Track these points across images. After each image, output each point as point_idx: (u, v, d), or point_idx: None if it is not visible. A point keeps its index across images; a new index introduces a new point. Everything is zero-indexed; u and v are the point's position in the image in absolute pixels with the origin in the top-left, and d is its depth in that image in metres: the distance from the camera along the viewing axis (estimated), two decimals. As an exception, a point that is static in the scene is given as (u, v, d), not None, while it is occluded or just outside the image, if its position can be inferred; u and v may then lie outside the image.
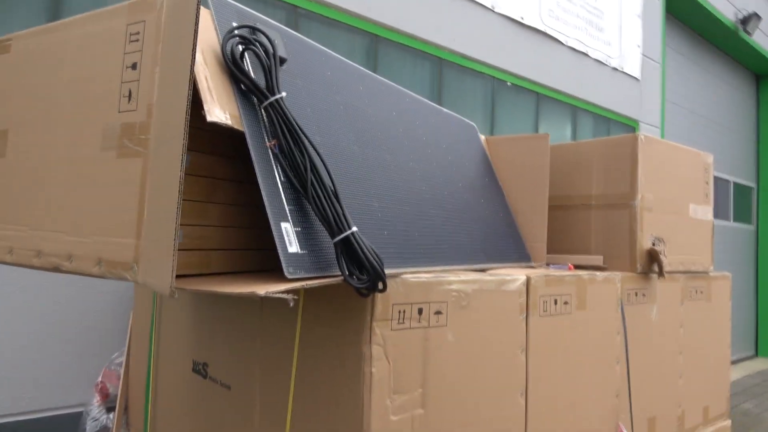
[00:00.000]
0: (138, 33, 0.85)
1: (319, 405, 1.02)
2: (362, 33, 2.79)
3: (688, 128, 5.88)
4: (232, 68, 0.89)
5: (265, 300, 1.14)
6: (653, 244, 1.77)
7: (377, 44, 2.85)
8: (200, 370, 1.30)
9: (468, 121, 1.83)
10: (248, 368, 1.18)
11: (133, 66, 0.85)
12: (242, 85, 0.90)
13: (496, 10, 3.39)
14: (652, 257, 1.75)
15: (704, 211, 2.05)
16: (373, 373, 0.95)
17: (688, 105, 6.00)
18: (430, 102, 1.61)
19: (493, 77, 3.45)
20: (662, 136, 4.96)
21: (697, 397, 1.94)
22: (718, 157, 5.92)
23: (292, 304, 0.73)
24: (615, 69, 4.35)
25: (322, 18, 2.62)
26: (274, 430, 1.11)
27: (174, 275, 0.64)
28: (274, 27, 1.04)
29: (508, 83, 3.54)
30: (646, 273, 1.75)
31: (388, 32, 2.87)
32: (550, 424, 1.28)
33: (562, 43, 3.87)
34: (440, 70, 3.16)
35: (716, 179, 6.40)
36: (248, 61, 0.93)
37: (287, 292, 0.74)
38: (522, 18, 3.55)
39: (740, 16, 6.21)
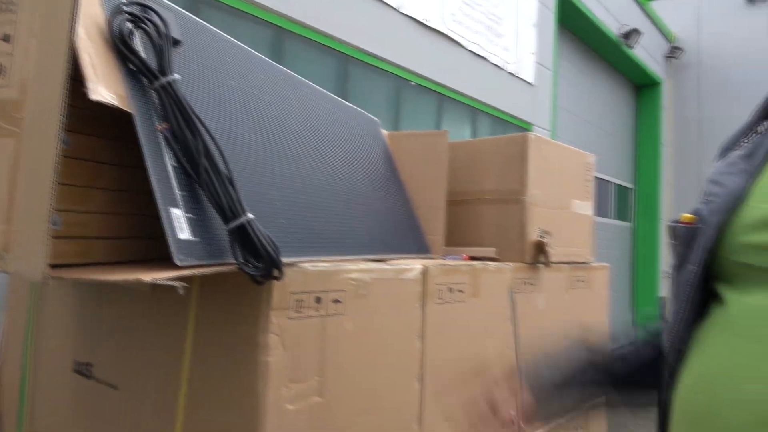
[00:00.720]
0: (12, 2, 0.78)
1: (213, 399, 1.00)
2: (267, 25, 2.74)
3: (575, 132, 6.32)
4: (120, 46, 0.84)
5: (156, 291, 1.10)
6: (541, 237, 1.89)
7: (282, 37, 2.82)
8: (83, 370, 1.22)
9: (371, 116, 1.86)
10: (137, 366, 1.13)
11: (6, 38, 0.78)
12: (131, 65, 0.86)
13: (401, 10, 3.46)
14: (540, 249, 1.87)
15: (585, 207, 2.21)
16: (269, 362, 0.94)
17: (577, 111, 6.45)
18: (332, 95, 1.62)
19: (398, 76, 3.52)
20: (552, 137, 5.30)
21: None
22: (601, 159, 6.39)
23: (182, 292, 0.71)
24: (511, 74, 4.59)
25: (224, 7, 2.54)
26: (165, 428, 1.07)
27: (47, 261, 0.60)
28: (168, 7, 1.00)
29: (412, 83, 3.63)
30: (534, 264, 1.87)
31: (294, 25, 2.84)
32: (444, 405, 1.33)
33: (463, 47, 4.02)
34: (346, 66, 3.18)
35: (599, 180, 6.95)
36: (138, 40, 0.89)
37: (177, 279, 0.72)
38: (426, 20, 3.65)
39: (623, 31, 6.77)
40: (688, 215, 0.58)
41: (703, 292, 0.54)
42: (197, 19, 1.11)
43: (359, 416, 1.11)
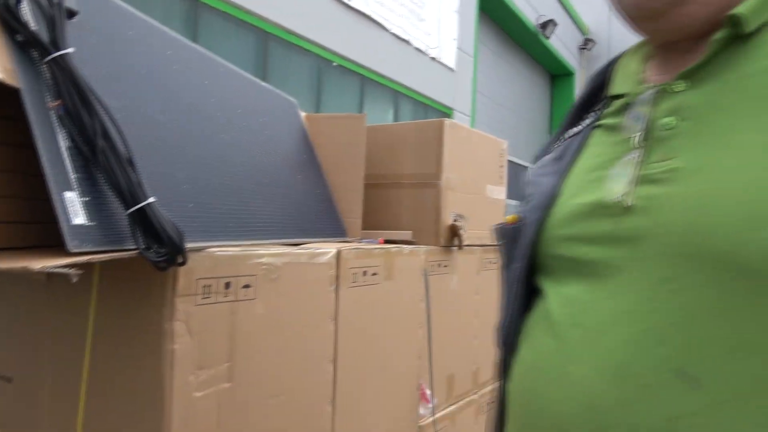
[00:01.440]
0: None
1: (117, 389, 0.97)
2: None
3: (494, 117, 6.52)
4: (5, 15, 0.78)
5: (52, 280, 1.04)
6: (455, 221, 1.95)
7: (197, 11, 2.70)
8: (-27, 361, 1.15)
9: (289, 97, 1.83)
10: (34, 357, 1.07)
11: None
12: (18, 36, 0.80)
13: (323, -12, 3.41)
14: (454, 232, 1.93)
15: (499, 191, 2.30)
16: (176, 350, 0.92)
17: (496, 96, 6.65)
18: (248, 75, 1.58)
19: (320, 56, 3.47)
20: (472, 123, 5.45)
21: (490, 354, 2.19)
22: (518, 144, 6.64)
23: (74, 280, 0.68)
24: (433, 59, 4.66)
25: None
26: (66, 422, 1.03)
27: None
28: (61, -25, 0.93)
29: (334, 63, 3.60)
30: (448, 246, 1.93)
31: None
32: (357, 386, 1.36)
33: (386, 29, 4.02)
34: (266, 44, 3.09)
35: (514, 164, 7.22)
36: (28, 10, 0.82)
37: (70, 266, 0.68)
38: (349, 0, 3.62)
39: (540, 21, 7.03)
40: (512, 216, 0.62)
41: (529, 287, 0.57)
42: (98, -10, 1.05)
43: (269, 398, 1.11)
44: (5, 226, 0.89)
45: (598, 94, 0.63)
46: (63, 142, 0.79)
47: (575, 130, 0.62)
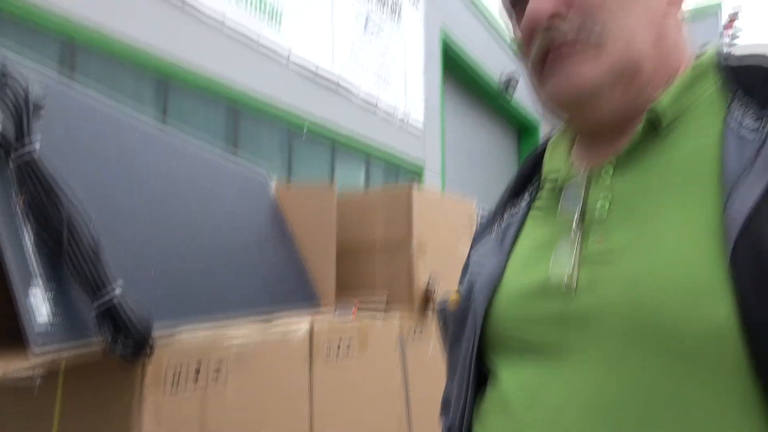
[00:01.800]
0: None
1: (81, 486, 0.93)
2: (151, 71, 2.66)
3: (463, 172, 6.66)
4: (-31, 116, 0.79)
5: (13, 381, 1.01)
6: (428, 284, 1.96)
7: (168, 84, 2.74)
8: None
9: (259, 169, 1.85)
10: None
11: None
12: (-17, 135, 0.81)
13: (292, 58, 3.51)
14: (428, 296, 1.94)
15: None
16: (144, 442, 0.89)
17: (464, 152, 6.82)
18: (218, 150, 1.60)
19: (290, 123, 3.54)
20: (442, 178, 5.55)
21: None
22: (487, 196, 6.76)
23: (38, 383, 0.66)
24: (402, 120, 4.78)
25: (103, 53, 2.44)
26: None
27: None
28: (32, 69, 0.96)
29: (305, 129, 3.67)
30: (423, 311, 1.93)
31: (180, 72, 2.78)
32: (335, 467, 1.32)
33: (355, 95, 4.14)
34: (236, 114, 3.15)
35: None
36: (-7, 107, 0.84)
37: (33, 368, 0.67)
38: (317, 68, 3.73)
39: (503, 80, 7.32)
40: (454, 296, 0.63)
41: (479, 371, 0.56)
42: (65, 79, 1.07)
43: (245, 487, 1.07)
44: None
45: (532, 174, 0.64)
46: (28, 237, 0.79)
47: (514, 210, 0.63)
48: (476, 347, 0.56)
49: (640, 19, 0.51)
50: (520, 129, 9.02)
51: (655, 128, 0.50)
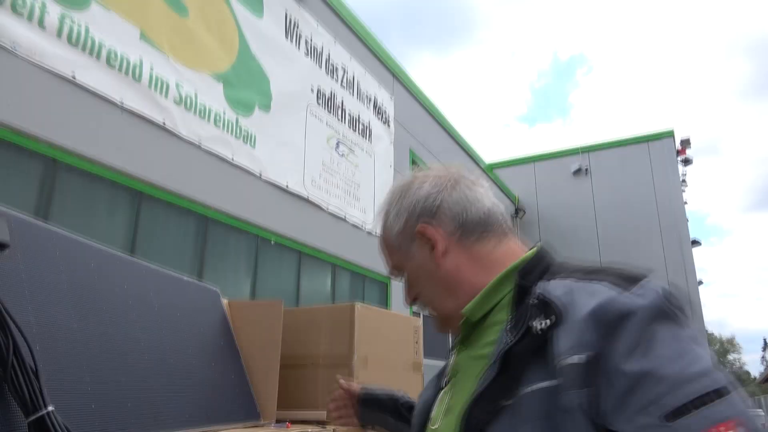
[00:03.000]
0: None
1: None
2: (126, 189, 2.89)
3: (434, 284, 6.84)
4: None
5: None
6: (368, 399, 2.05)
7: (141, 200, 2.96)
8: None
9: (211, 286, 2.01)
10: None
11: None
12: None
13: (263, 177, 3.79)
14: (367, 410, 2.03)
15: (416, 366, 2.45)
16: None
17: (435, 263, 7.05)
18: (173, 273, 1.77)
19: (257, 235, 3.75)
20: (411, 290, 5.72)
21: None
22: (458, 309, 6.89)
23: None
24: (369, 233, 5.03)
25: (82, 172, 2.67)
26: None
27: None
28: (0, 208, 1.14)
29: (272, 241, 3.87)
30: (364, 425, 2.01)
31: (153, 189, 3.02)
32: None
33: (323, 209, 4.40)
34: (206, 226, 3.36)
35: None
36: (-36, 248, 1.01)
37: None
38: (287, 185, 4.01)
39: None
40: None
41: None
42: (27, 217, 1.25)
43: None
44: None
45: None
46: (-24, 361, 0.93)
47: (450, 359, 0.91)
48: None
49: (434, 290, 0.81)
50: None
51: (473, 325, 0.76)
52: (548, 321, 0.62)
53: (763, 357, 58.09)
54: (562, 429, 0.56)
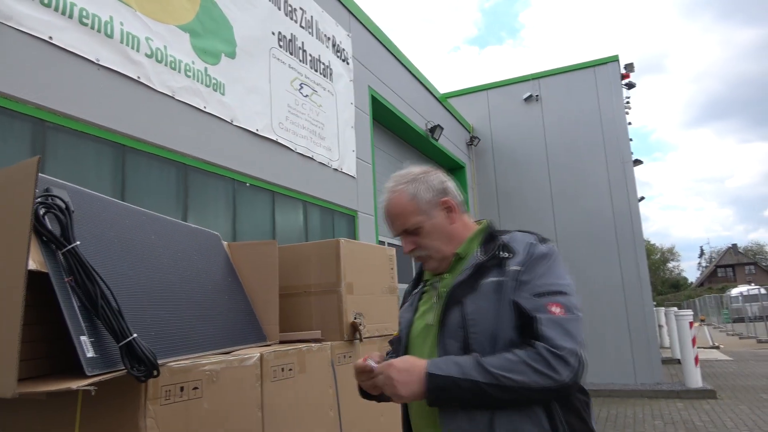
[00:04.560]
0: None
1: (102, 474, 1.33)
2: (110, 143, 3.06)
3: (397, 214, 7.22)
4: (37, 226, 1.22)
5: (49, 398, 1.40)
6: (355, 319, 2.43)
7: (125, 153, 3.14)
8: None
9: (213, 232, 2.29)
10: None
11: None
12: (44, 237, 1.23)
13: (234, 123, 3.97)
14: (355, 328, 2.41)
15: (392, 289, 2.83)
16: (149, 439, 1.31)
17: (397, 194, 7.40)
18: (182, 222, 2.04)
19: (234, 179, 3.98)
20: (376, 222, 6.08)
21: (397, 430, 2.62)
22: (420, 236, 7.31)
23: (93, 393, 1.09)
24: (336, 170, 5.30)
25: (68, 131, 2.83)
26: None
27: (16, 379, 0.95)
28: (62, 186, 1.39)
29: (247, 184, 4.11)
30: (351, 340, 2.40)
31: (135, 142, 3.19)
32: (282, 459, 1.75)
33: (292, 150, 4.63)
34: (186, 174, 3.56)
35: (420, 254, 7.91)
36: (49, 218, 1.26)
37: (91, 384, 1.10)
38: (257, 130, 4.20)
39: (429, 126, 8.01)
40: (396, 334, 1.48)
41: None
42: (82, 188, 1.50)
43: (216, 473, 1.49)
44: (26, 362, 1.26)
45: (420, 277, 1.52)
46: (76, 303, 1.22)
47: (416, 291, 1.51)
48: (404, 350, 1.41)
49: (441, 241, 1.38)
50: (449, 169, 9.72)
51: (459, 259, 1.39)
52: (508, 254, 1.29)
53: (699, 263, 62.56)
54: (503, 299, 1.23)
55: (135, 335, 1.24)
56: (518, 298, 1.20)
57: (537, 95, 10.16)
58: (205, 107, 3.69)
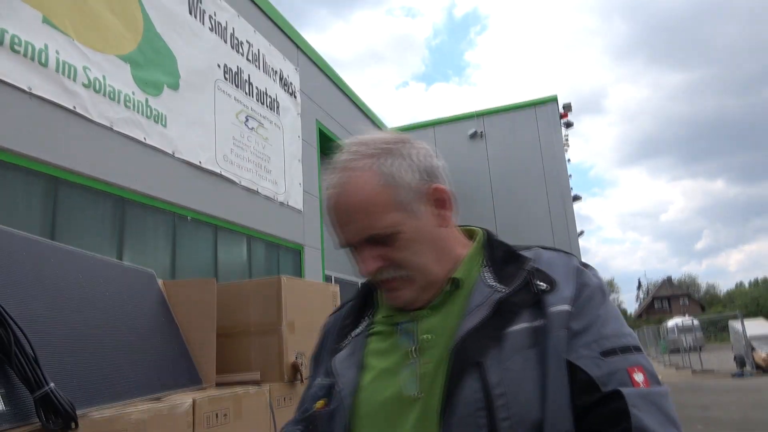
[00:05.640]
0: None
1: None
2: (42, 175, 2.92)
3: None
4: (-57, 269, 1.13)
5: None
6: (296, 359, 2.37)
7: (57, 186, 3.00)
8: None
9: (147, 270, 2.20)
10: None
11: None
12: (-49, 280, 1.14)
13: (176, 155, 3.87)
14: (296, 369, 2.34)
15: (335, 327, 2.78)
16: (64, 498, 1.21)
17: (344, 228, 7.37)
18: (113, 260, 1.95)
19: (174, 213, 3.86)
20: (323, 255, 6.02)
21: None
22: (367, 270, 7.28)
23: (0, 452, 1.00)
24: (282, 203, 5.24)
25: (-5, 161, 2.68)
26: None
27: None
28: (-24, 224, 1.30)
29: (188, 218, 3.99)
30: (292, 381, 2.33)
31: (69, 174, 3.05)
32: None
33: (236, 183, 4.55)
34: (123, 208, 3.43)
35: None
36: (-44, 258, 1.17)
37: (-3, 442, 1.01)
38: (200, 162, 4.11)
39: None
40: (320, 402, 0.87)
41: None
42: (1, 226, 1.41)
43: None
44: None
45: (367, 301, 0.95)
46: (-15, 352, 1.12)
47: (357, 330, 0.91)
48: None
49: (428, 256, 0.82)
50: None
51: (456, 287, 0.82)
52: (545, 285, 0.78)
53: (637, 295, 65.06)
54: (548, 360, 0.72)
55: (52, 384, 1.16)
56: (576, 358, 0.71)
57: (482, 132, 10.47)
58: (145, 139, 3.59)
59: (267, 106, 5.20)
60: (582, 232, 10.63)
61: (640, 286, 64.68)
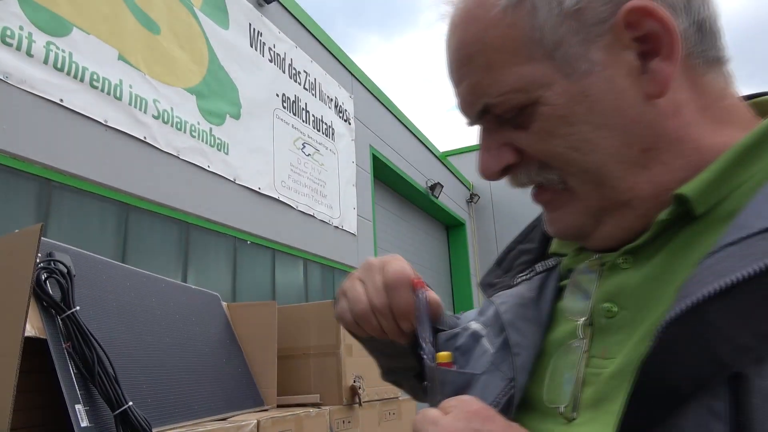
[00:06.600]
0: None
1: None
2: (114, 202, 3.09)
3: (397, 271, 7.19)
4: (38, 291, 1.22)
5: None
6: (354, 382, 2.38)
7: (128, 212, 3.17)
8: None
9: (212, 293, 2.28)
10: None
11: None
12: (44, 302, 1.23)
13: (237, 181, 4.02)
14: (354, 392, 2.36)
15: (391, 351, 2.79)
16: None
17: (397, 250, 7.40)
18: (182, 283, 2.04)
19: (235, 237, 3.99)
20: (377, 279, 6.04)
21: (395, 499, 2.52)
22: (420, 293, 7.26)
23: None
24: (336, 227, 5.32)
25: (75, 189, 2.86)
26: None
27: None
28: (65, 250, 1.40)
29: (248, 242, 4.12)
30: (350, 404, 2.34)
31: (138, 201, 3.22)
32: None
33: (293, 208, 4.67)
34: (188, 232, 3.58)
35: (421, 312, 7.81)
36: (51, 283, 1.27)
37: (83, 457, 1.07)
38: (259, 188, 4.25)
39: (429, 184, 8.10)
40: (445, 355, 0.56)
41: None
42: (84, 251, 1.51)
43: None
44: (35, 429, 1.23)
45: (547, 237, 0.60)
46: (72, 370, 1.20)
47: (548, 264, 0.57)
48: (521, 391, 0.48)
49: (606, 151, 0.42)
50: (448, 226, 9.77)
51: (683, 217, 0.41)
52: None
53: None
54: None
55: (131, 403, 1.22)
56: None
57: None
58: (208, 166, 3.75)
59: (323, 132, 5.33)
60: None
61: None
